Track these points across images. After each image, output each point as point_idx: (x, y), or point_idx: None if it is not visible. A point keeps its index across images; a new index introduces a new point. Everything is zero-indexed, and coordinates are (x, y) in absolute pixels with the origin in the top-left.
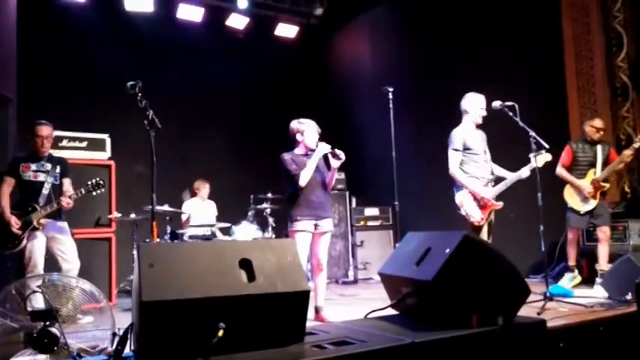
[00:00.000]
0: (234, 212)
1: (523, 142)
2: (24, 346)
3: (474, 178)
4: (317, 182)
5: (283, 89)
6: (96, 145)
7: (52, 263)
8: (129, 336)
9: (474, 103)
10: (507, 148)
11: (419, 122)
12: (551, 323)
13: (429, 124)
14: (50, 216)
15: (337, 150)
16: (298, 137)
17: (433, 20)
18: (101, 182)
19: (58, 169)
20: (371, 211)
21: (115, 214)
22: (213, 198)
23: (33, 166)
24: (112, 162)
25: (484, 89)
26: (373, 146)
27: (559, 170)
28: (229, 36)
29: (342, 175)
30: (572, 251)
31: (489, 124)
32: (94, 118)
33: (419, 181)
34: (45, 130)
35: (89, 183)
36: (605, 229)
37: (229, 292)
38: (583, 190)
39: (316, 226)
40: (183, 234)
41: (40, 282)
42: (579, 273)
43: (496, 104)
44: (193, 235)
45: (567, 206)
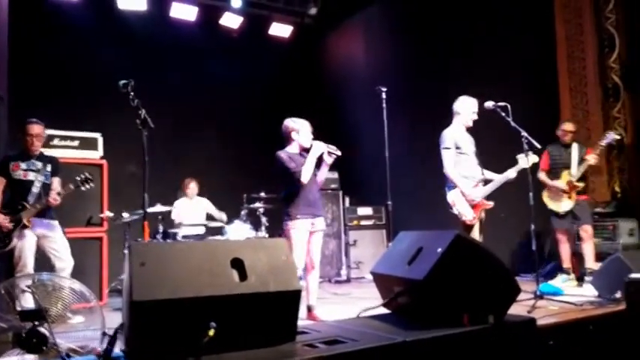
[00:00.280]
0: (227, 211)
1: (515, 143)
2: (12, 346)
3: (465, 178)
4: (313, 180)
5: (277, 89)
6: (88, 144)
7: (44, 262)
8: (119, 336)
9: (467, 106)
10: (499, 149)
11: (412, 122)
12: (541, 321)
13: (423, 124)
14: (39, 214)
15: (332, 147)
16: (293, 135)
17: (427, 20)
18: (90, 177)
19: (49, 168)
20: (364, 211)
21: (107, 214)
22: (206, 197)
23: (23, 165)
24: (104, 161)
25: (477, 89)
26: (366, 146)
27: (539, 174)
28: (223, 35)
29: (336, 175)
30: (564, 253)
31: (482, 124)
32: (86, 117)
33: (412, 181)
34: (35, 129)
35: (78, 178)
36: (586, 228)
37: (221, 292)
38: (559, 191)
39: (312, 225)
40: (175, 233)
41: (30, 281)
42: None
43: (489, 104)
44: (186, 235)
45: (549, 209)
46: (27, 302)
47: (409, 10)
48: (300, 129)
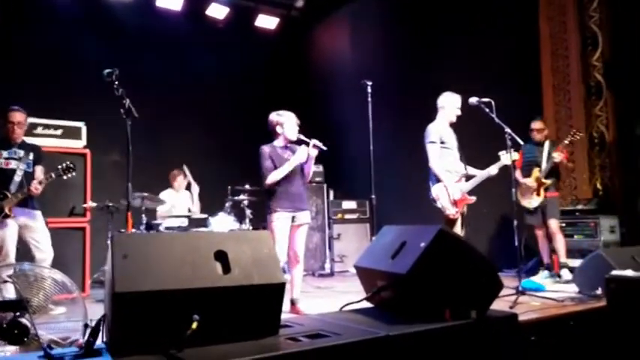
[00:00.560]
0: (211, 203)
1: (498, 139)
2: None
3: (448, 172)
4: (295, 174)
5: (262, 81)
6: (71, 133)
7: (24, 252)
8: (101, 327)
9: (451, 102)
10: (483, 145)
11: (397, 116)
12: (523, 317)
13: (408, 118)
14: (21, 203)
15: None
16: (278, 129)
17: (413, 14)
18: (72, 166)
19: (31, 157)
20: (348, 204)
21: (90, 204)
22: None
23: (4, 153)
24: (88, 150)
25: (461, 84)
26: (352, 139)
27: (514, 172)
28: (209, 26)
29: (320, 168)
30: (543, 249)
31: (465, 121)
32: (70, 106)
33: (396, 175)
34: (17, 117)
35: (59, 167)
36: (550, 222)
37: (204, 284)
38: (529, 188)
39: (294, 218)
40: (159, 224)
41: (11, 271)
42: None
43: (472, 100)
44: (169, 227)
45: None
46: (8, 292)
47: (395, 5)
48: (284, 122)
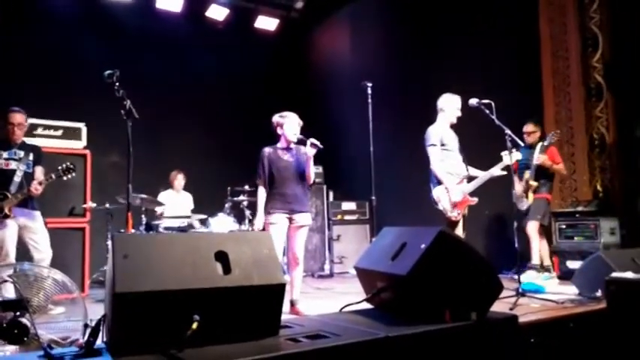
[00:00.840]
0: (211, 204)
1: (499, 140)
2: None
3: (450, 175)
4: (292, 175)
5: (262, 82)
6: (71, 134)
7: (23, 253)
8: (101, 327)
9: (451, 103)
10: (483, 146)
11: (397, 117)
12: (522, 319)
13: (408, 119)
14: (21, 204)
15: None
16: (279, 130)
17: (413, 15)
18: (72, 167)
19: (31, 157)
20: (348, 206)
21: (90, 204)
22: (189, 189)
23: (4, 154)
24: (88, 151)
25: (461, 86)
26: (352, 141)
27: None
28: (209, 27)
29: (320, 169)
30: (543, 250)
31: (465, 122)
32: (70, 107)
33: (396, 176)
34: (17, 118)
35: (59, 167)
36: (527, 224)
37: (204, 285)
38: (520, 190)
39: (291, 220)
40: (158, 225)
41: (11, 271)
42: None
43: (473, 102)
44: (168, 227)
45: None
46: (8, 292)
47: (395, 6)
48: (285, 123)
